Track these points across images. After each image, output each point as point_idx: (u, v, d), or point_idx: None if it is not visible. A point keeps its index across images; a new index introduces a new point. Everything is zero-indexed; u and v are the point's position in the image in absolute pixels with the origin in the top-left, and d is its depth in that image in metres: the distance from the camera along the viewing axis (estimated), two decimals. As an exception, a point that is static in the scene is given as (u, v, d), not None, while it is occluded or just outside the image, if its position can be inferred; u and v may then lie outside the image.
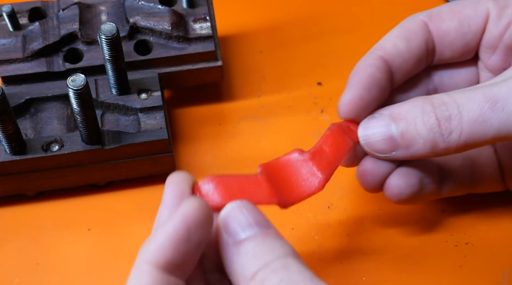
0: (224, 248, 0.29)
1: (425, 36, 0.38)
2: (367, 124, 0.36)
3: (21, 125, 0.41)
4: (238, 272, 0.29)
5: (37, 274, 0.40)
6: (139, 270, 0.28)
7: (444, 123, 0.33)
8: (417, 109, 0.34)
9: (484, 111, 0.33)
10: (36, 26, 0.44)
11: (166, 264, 0.28)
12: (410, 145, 0.34)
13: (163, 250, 0.28)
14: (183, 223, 0.28)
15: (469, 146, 0.34)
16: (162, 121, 0.42)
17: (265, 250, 0.28)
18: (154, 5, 0.45)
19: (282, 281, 0.27)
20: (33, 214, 0.43)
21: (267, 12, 0.53)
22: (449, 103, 0.34)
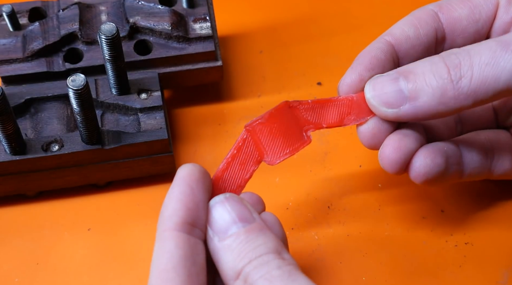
0: (211, 245, 0.30)
1: (435, 24, 0.38)
2: (375, 80, 0.35)
3: (21, 125, 0.41)
4: (224, 269, 0.30)
5: (37, 274, 0.40)
6: (162, 237, 0.29)
7: (453, 69, 0.32)
8: (425, 62, 0.34)
9: (497, 53, 0.32)
10: (36, 26, 0.44)
11: (183, 224, 0.29)
12: (418, 95, 0.33)
13: (175, 212, 0.30)
14: (184, 182, 0.30)
15: (479, 97, 0.32)
16: (162, 121, 0.42)
17: (248, 248, 0.29)
18: (154, 5, 0.45)
19: (262, 277, 0.28)
20: (33, 214, 0.43)
21: (267, 12, 0.53)
22: (458, 52, 0.33)
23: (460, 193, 0.44)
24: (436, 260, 0.41)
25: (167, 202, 0.30)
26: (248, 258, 0.29)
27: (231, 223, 0.30)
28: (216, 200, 0.31)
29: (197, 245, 0.30)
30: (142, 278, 0.40)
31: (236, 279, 0.29)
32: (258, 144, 0.34)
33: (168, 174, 0.44)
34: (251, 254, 0.29)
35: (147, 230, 0.42)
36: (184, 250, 0.29)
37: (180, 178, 0.31)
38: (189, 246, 0.29)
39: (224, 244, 0.30)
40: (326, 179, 0.44)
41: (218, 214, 0.30)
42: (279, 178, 0.45)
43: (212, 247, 0.30)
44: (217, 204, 0.31)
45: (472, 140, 0.39)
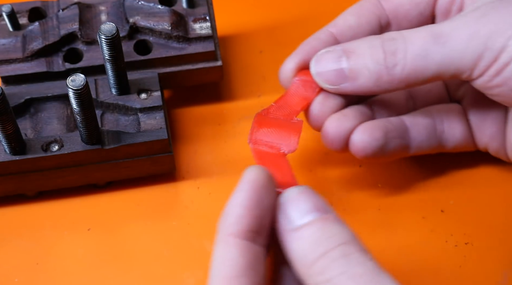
0: (283, 235, 0.30)
1: (377, 12, 0.40)
2: (320, 57, 0.38)
3: (21, 125, 0.41)
4: (297, 259, 0.29)
5: (37, 274, 0.40)
6: (225, 243, 0.29)
7: (389, 56, 0.35)
8: (367, 43, 0.36)
9: (427, 45, 0.34)
10: (36, 26, 0.44)
11: (247, 232, 0.29)
12: (357, 77, 0.36)
13: (242, 219, 0.29)
14: (252, 189, 0.29)
15: (411, 82, 0.35)
16: (162, 121, 0.42)
17: (324, 237, 0.29)
18: (154, 5, 0.45)
19: (344, 274, 0.27)
20: (33, 214, 0.43)
21: (267, 12, 0.53)
22: (397, 38, 0.35)
23: (460, 193, 0.44)
24: (436, 260, 0.41)
25: (232, 207, 0.29)
26: (325, 247, 0.28)
27: (306, 212, 0.29)
28: (290, 190, 0.30)
29: (260, 254, 0.29)
30: (142, 278, 0.40)
31: (311, 268, 0.28)
32: (269, 147, 0.36)
33: (168, 174, 0.44)
34: (328, 243, 0.28)
35: (147, 230, 0.42)
36: (247, 259, 0.28)
37: (246, 182, 0.30)
38: (253, 254, 0.29)
39: (298, 233, 0.29)
40: (326, 179, 0.44)
41: (292, 203, 0.30)
42: (279, 178, 0.45)
43: (285, 238, 0.29)
44: (292, 194, 0.30)
45: (420, 114, 0.41)
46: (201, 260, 0.41)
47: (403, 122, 0.40)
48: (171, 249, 0.41)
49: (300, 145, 0.46)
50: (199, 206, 0.43)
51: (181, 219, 0.43)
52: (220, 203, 0.43)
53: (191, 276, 0.40)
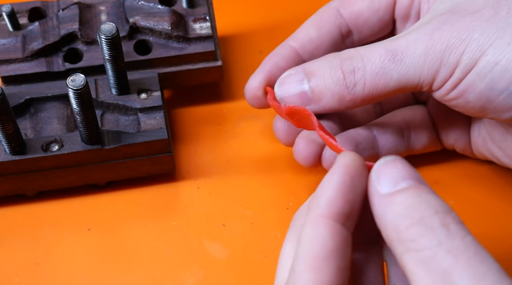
0: (376, 201, 0.29)
1: (337, 21, 0.40)
2: (283, 81, 0.38)
3: (21, 125, 0.41)
4: (389, 224, 0.28)
5: (37, 274, 0.40)
6: (315, 223, 0.28)
7: (348, 76, 0.36)
8: (326, 64, 0.36)
9: (385, 63, 0.35)
10: (36, 26, 0.44)
11: (339, 215, 0.28)
12: (320, 99, 0.37)
13: (335, 201, 0.29)
14: (347, 173, 0.29)
15: (373, 98, 0.36)
16: (162, 121, 0.42)
17: (420, 203, 0.28)
18: (154, 5, 0.45)
19: (440, 245, 0.26)
20: (33, 214, 0.43)
21: (267, 12, 0.53)
22: (354, 57, 0.36)
23: (460, 193, 0.44)
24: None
25: (325, 188, 0.29)
26: (421, 213, 0.27)
27: (400, 179, 0.29)
28: (386, 158, 0.30)
29: (348, 239, 0.29)
30: (142, 278, 0.40)
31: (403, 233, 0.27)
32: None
33: (168, 174, 0.44)
34: (425, 209, 0.27)
35: (147, 230, 0.42)
36: (337, 242, 0.28)
37: (341, 166, 0.29)
38: (342, 238, 0.28)
39: (393, 198, 0.28)
40: (326, 179, 0.44)
41: (387, 169, 0.29)
42: (279, 178, 0.45)
43: (377, 203, 0.29)
44: (387, 160, 0.30)
45: (387, 122, 0.41)
46: (201, 260, 0.41)
47: (371, 132, 0.41)
48: (171, 249, 0.41)
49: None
50: (199, 206, 0.43)
51: (181, 219, 0.43)
52: (220, 203, 0.44)
53: (191, 276, 0.40)
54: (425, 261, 0.26)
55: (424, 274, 0.26)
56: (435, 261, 0.26)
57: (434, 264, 0.26)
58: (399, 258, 0.28)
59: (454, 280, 0.26)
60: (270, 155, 0.46)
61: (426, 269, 0.26)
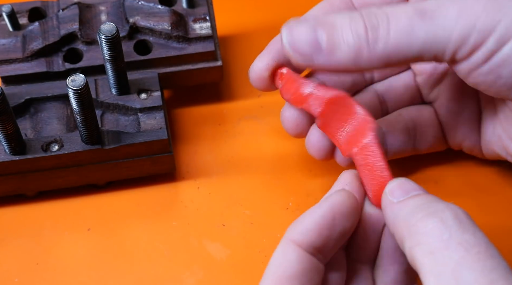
0: (388, 209, 0.31)
1: (347, 8, 0.39)
2: (293, 26, 0.34)
3: (21, 125, 0.41)
4: (401, 221, 0.29)
5: (37, 274, 0.40)
6: (285, 247, 0.30)
7: (371, 31, 0.32)
8: (345, 16, 0.33)
9: (413, 20, 0.32)
10: (36, 26, 0.44)
11: (309, 246, 0.30)
12: (334, 50, 0.33)
13: (308, 233, 0.30)
14: (330, 211, 0.30)
15: (391, 60, 0.33)
16: (162, 121, 0.42)
17: (431, 201, 0.29)
18: (154, 5, 0.45)
19: (453, 237, 0.27)
20: (33, 214, 0.43)
21: (267, 12, 0.53)
22: (378, 13, 0.33)
23: (460, 193, 0.44)
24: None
25: (306, 217, 0.30)
26: (434, 207, 0.29)
27: (412, 189, 0.31)
28: (398, 179, 0.32)
29: (318, 268, 0.30)
30: (142, 278, 0.40)
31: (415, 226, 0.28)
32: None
33: (168, 174, 0.44)
34: (437, 205, 0.29)
35: (147, 230, 0.42)
36: (303, 267, 0.29)
37: (329, 202, 0.31)
38: (309, 265, 0.30)
39: (405, 202, 0.30)
40: (326, 179, 0.44)
41: (400, 184, 0.31)
42: (279, 178, 0.45)
43: (389, 211, 0.30)
44: (398, 180, 0.32)
45: (395, 121, 0.41)
46: (201, 260, 0.41)
47: (381, 129, 0.40)
48: (171, 249, 0.41)
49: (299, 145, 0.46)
50: (199, 206, 0.43)
51: (181, 219, 0.43)
52: (220, 203, 0.44)
53: (191, 276, 0.40)
54: (435, 253, 0.27)
55: (433, 265, 0.27)
56: (446, 253, 0.27)
57: (444, 256, 0.27)
58: (409, 253, 0.28)
59: (463, 272, 0.26)
60: (270, 155, 0.46)
61: (435, 260, 0.27)
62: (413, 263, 0.28)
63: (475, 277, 0.26)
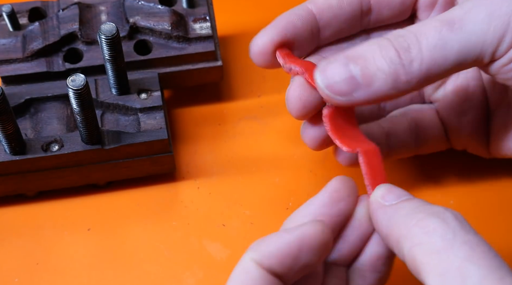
0: (380, 211, 0.31)
1: None
2: (325, 67, 0.33)
3: (21, 125, 0.41)
4: (398, 222, 0.29)
5: (37, 274, 0.40)
6: (245, 264, 0.29)
7: (403, 53, 0.32)
8: (373, 45, 0.33)
9: (443, 34, 0.32)
10: (36, 26, 0.44)
11: (269, 270, 0.29)
12: (371, 82, 0.32)
13: (269, 257, 0.29)
14: (298, 241, 0.29)
15: (430, 77, 0.32)
16: (162, 121, 0.42)
17: (429, 205, 0.29)
18: (154, 5, 0.45)
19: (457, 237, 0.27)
20: (33, 214, 0.43)
21: (267, 12, 0.53)
22: (405, 34, 0.33)
23: (460, 193, 0.44)
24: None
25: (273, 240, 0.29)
26: (432, 209, 0.29)
27: (403, 194, 0.31)
28: (384, 185, 0.32)
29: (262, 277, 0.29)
30: (142, 278, 0.40)
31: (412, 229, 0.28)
32: None
33: (168, 174, 0.44)
34: (434, 207, 0.29)
35: (147, 230, 0.42)
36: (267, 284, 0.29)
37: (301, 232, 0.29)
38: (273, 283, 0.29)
39: (399, 204, 0.30)
40: (326, 179, 0.44)
41: (390, 189, 0.31)
42: (279, 178, 0.45)
43: (381, 213, 0.30)
44: (387, 185, 0.32)
45: (397, 121, 0.40)
46: (201, 260, 0.41)
47: (384, 131, 0.40)
48: (171, 249, 0.41)
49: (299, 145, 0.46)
50: (199, 206, 0.43)
51: (181, 219, 0.43)
52: (220, 203, 0.44)
53: (191, 276, 0.40)
54: (439, 251, 0.27)
55: (437, 263, 0.27)
56: (451, 251, 0.27)
57: (449, 254, 0.27)
58: (408, 254, 0.28)
59: (470, 269, 0.26)
60: (270, 155, 0.46)
61: (440, 259, 0.27)
62: (412, 264, 0.28)
63: (484, 273, 0.26)
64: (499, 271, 0.26)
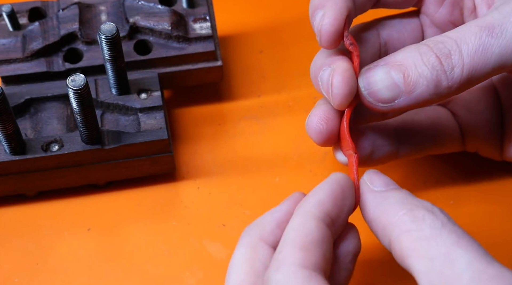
0: (369, 196, 0.32)
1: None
2: (367, 74, 0.34)
3: (21, 125, 0.41)
4: (387, 209, 0.30)
5: (37, 274, 0.40)
6: (304, 216, 0.30)
7: (445, 60, 0.33)
8: (413, 52, 0.33)
9: (483, 39, 0.32)
10: (36, 26, 0.44)
11: (325, 216, 0.30)
12: (414, 88, 0.33)
13: (323, 203, 0.31)
14: (338, 184, 0.31)
15: (471, 82, 0.33)
16: (162, 121, 0.42)
17: (416, 198, 0.30)
18: (154, 5, 0.45)
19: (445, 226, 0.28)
20: (33, 214, 0.43)
21: (267, 12, 0.53)
22: (444, 41, 0.33)
23: (460, 194, 0.44)
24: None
25: (317, 192, 0.31)
26: (419, 202, 0.30)
27: (391, 183, 0.32)
28: (371, 170, 0.33)
29: (330, 239, 0.30)
30: (142, 278, 0.40)
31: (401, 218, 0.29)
32: None
33: (168, 174, 0.44)
34: (421, 201, 0.30)
35: (147, 230, 0.42)
36: (321, 234, 0.30)
37: (334, 179, 0.32)
38: (326, 233, 0.30)
39: (388, 192, 0.31)
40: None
41: (378, 175, 0.33)
42: (279, 178, 0.45)
43: (371, 197, 0.32)
44: (374, 171, 0.33)
45: (411, 121, 0.41)
46: (201, 260, 0.41)
47: (394, 129, 0.40)
48: (171, 249, 0.41)
49: (299, 145, 0.46)
50: (199, 206, 0.43)
51: (181, 219, 0.43)
52: (220, 203, 0.44)
53: (191, 276, 0.40)
54: (428, 238, 0.28)
55: (426, 249, 0.28)
56: (439, 239, 0.28)
57: (438, 241, 0.28)
58: (395, 241, 0.29)
59: (458, 253, 0.27)
60: (270, 155, 0.46)
61: (428, 245, 0.28)
62: (399, 251, 0.29)
63: (472, 257, 0.27)
64: (486, 257, 0.27)
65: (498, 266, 0.27)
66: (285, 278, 0.28)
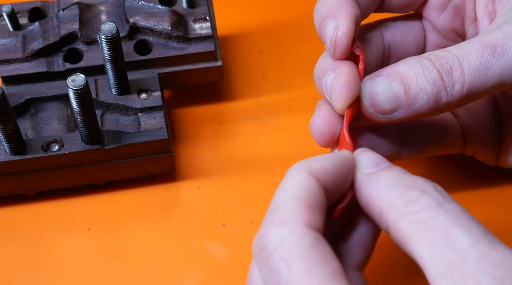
0: (361, 179, 0.31)
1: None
2: (369, 84, 0.34)
3: (21, 125, 0.41)
4: (380, 194, 0.30)
5: (37, 274, 0.40)
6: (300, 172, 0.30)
7: (446, 76, 0.33)
8: (415, 65, 0.33)
9: (485, 58, 0.32)
10: (36, 26, 0.44)
11: (325, 185, 0.30)
12: (414, 102, 0.33)
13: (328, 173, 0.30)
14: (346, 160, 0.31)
15: (469, 98, 0.33)
16: (162, 121, 0.42)
17: (408, 175, 0.30)
18: (154, 5, 0.45)
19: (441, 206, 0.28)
20: (33, 214, 0.43)
21: (267, 12, 0.53)
22: (446, 56, 0.33)
23: (460, 194, 0.44)
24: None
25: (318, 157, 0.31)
26: (413, 181, 0.29)
27: (381, 161, 0.31)
28: (360, 149, 0.33)
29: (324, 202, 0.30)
30: (142, 278, 0.40)
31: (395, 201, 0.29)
32: None
33: (168, 174, 0.44)
34: (413, 179, 0.29)
35: (147, 230, 0.42)
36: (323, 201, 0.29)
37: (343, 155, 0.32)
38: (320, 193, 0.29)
39: (379, 174, 0.30)
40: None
41: (366, 155, 0.32)
42: (279, 178, 0.45)
43: (362, 181, 0.31)
44: (363, 150, 0.32)
45: (414, 120, 0.39)
46: (201, 260, 0.41)
47: (396, 130, 0.40)
48: (171, 249, 0.41)
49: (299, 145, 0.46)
50: (199, 206, 0.43)
51: (181, 219, 0.43)
52: (220, 203, 0.44)
53: (191, 276, 0.41)
54: (425, 221, 0.28)
55: (425, 233, 0.27)
56: (436, 220, 0.27)
57: (435, 223, 0.27)
58: (393, 225, 0.29)
59: (458, 234, 0.27)
60: (270, 155, 0.46)
61: (426, 228, 0.27)
62: (398, 236, 0.28)
63: (474, 237, 0.26)
64: (487, 236, 0.27)
65: (502, 249, 0.26)
66: (292, 236, 0.27)
